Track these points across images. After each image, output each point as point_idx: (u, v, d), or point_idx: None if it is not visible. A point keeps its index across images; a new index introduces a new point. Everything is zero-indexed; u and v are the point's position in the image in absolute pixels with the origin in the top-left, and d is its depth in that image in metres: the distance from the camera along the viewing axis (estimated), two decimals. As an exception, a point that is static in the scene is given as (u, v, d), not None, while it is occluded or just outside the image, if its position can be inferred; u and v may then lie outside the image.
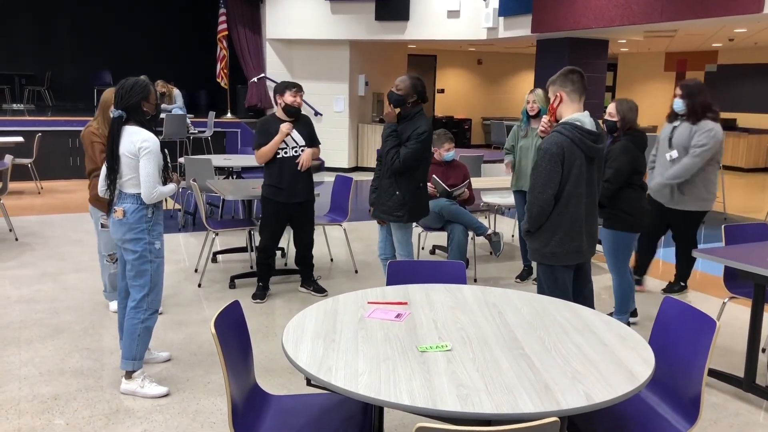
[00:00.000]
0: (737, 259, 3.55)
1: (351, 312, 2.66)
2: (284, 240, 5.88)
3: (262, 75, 12.47)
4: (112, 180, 3.42)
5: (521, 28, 10.40)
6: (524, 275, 5.83)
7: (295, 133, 4.89)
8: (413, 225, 4.67)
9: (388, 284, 3.18)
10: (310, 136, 5.00)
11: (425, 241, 6.98)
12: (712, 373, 3.83)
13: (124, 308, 3.64)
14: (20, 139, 8.98)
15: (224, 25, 12.07)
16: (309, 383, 2.14)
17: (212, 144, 11.58)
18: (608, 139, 4.48)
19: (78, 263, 5.94)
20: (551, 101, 3.42)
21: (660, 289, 5.60)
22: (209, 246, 6.18)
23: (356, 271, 5.98)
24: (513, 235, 7.52)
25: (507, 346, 2.34)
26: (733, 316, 4.99)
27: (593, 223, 3.47)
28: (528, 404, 1.91)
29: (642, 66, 17.11)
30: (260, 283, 5.13)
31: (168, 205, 8.53)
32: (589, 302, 3.62)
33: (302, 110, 4.96)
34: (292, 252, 6.11)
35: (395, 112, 4.40)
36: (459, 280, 3.23)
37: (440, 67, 17.37)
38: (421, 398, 1.94)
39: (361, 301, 2.80)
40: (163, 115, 9.66)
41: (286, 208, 4.96)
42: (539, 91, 5.35)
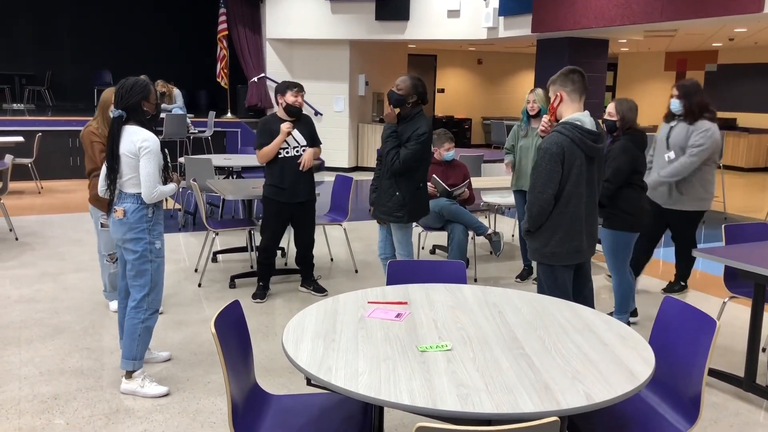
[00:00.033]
0: (737, 258, 3.55)
1: (351, 312, 2.66)
2: (284, 240, 5.88)
3: (262, 75, 12.47)
4: (112, 180, 3.42)
5: (521, 28, 10.40)
6: (524, 275, 5.83)
7: (296, 132, 4.89)
8: (413, 225, 4.67)
9: (388, 284, 3.18)
10: (311, 135, 5.00)
11: (425, 240, 6.98)
12: (713, 372, 3.83)
13: (124, 308, 3.64)
14: (20, 138, 8.98)
15: (224, 25, 12.07)
16: (309, 383, 2.14)
17: (212, 144, 11.58)
18: (608, 139, 4.48)
19: (78, 263, 5.94)
20: (551, 101, 3.42)
21: (660, 289, 5.60)
22: (209, 246, 6.18)
23: (356, 271, 5.98)
24: (513, 235, 7.52)
25: (507, 346, 2.34)
26: (733, 316, 4.99)
27: (593, 223, 3.47)
28: (528, 404, 1.91)
29: (642, 66, 17.11)
30: (260, 283, 5.13)
31: (168, 204, 8.53)
32: (589, 302, 3.62)
33: (303, 110, 4.96)
34: (292, 252, 6.11)
35: (395, 112, 4.40)
36: (459, 280, 3.23)
37: (440, 66, 17.37)
38: (421, 398, 1.94)
39: (361, 300, 2.80)
40: (163, 115, 9.66)
41: (288, 207, 4.96)
42: (540, 91, 5.35)
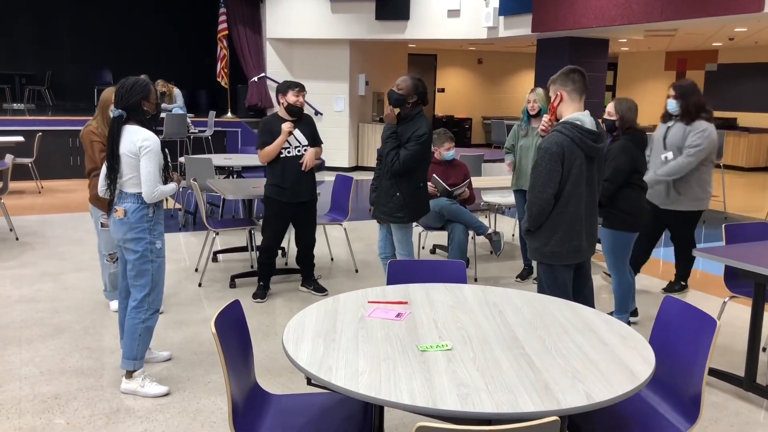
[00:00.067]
0: (738, 258, 3.55)
1: (351, 311, 2.66)
2: (284, 239, 5.87)
3: (263, 74, 12.47)
4: (112, 180, 3.41)
5: (521, 28, 10.40)
6: (525, 274, 5.83)
7: (297, 132, 4.89)
8: (413, 224, 4.67)
9: (388, 283, 3.18)
10: (313, 135, 5.00)
11: (425, 240, 6.98)
12: (713, 372, 3.83)
13: (124, 308, 3.64)
14: (21, 138, 8.99)
15: (224, 25, 12.07)
16: (309, 383, 2.14)
17: (212, 143, 11.58)
18: (608, 139, 4.48)
19: (78, 263, 5.94)
20: (552, 100, 3.42)
21: (660, 289, 5.60)
22: (210, 245, 6.18)
23: (356, 271, 5.98)
24: (513, 235, 7.52)
25: (507, 346, 2.34)
26: (733, 316, 4.99)
27: (593, 223, 3.47)
28: (528, 404, 1.91)
29: (642, 65, 17.10)
30: (261, 283, 5.13)
31: (168, 204, 8.53)
32: (589, 301, 3.62)
33: (304, 110, 4.96)
34: (292, 251, 6.11)
35: (394, 113, 4.39)
36: (459, 280, 3.23)
37: (440, 66, 17.37)
38: (421, 397, 1.94)
39: (362, 300, 2.80)
40: (164, 115, 9.66)
41: (289, 207, 4.96)
42: (540, 91, 5.35)
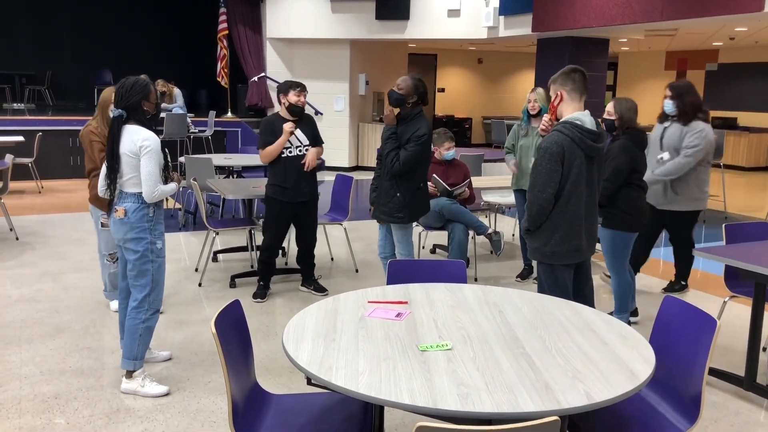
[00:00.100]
0: (738, 258, 3.55)
1: (351, 311, 2.66)
2: (284, 239, 5.88)
3: (263, 74, 12.47)
4: (112, 179, 3.41)
5: (522, 27, 10.39)
6: (525, 274, 5.82)
7: (298, 132, 4.89)
8: (413, 224, 4.67)
9: (388, 283, 3.18)
10: (314, 135, 5.00)
11: (426, 240, 6.98)
12: (713, 372, 3.83)
13: (125, 308, 3.64)
14: (21, 138, 8.99)
15: (224, 25, 12.07)
16: (309, 382, 2.14)
17: (213, 143, 11.58)
18: (608, 138, 4.48)
19: (78, 262, 5.94)
20: (552, 100, 3.42)
21: (660, 289, 5.60)
22: (210, 245, 6.18)
23: (357, 271, 5.98)
24: (513, 234, 7.52)
25: (507, 346, 2.34)
26: (733, 315, 4.99)
27: (593, 222, 3.47)
28: (528, 403, 1.91)
29: (643, 65, 17.10)
30: (261, 283, 5.13)
31: (168, 204, 8.53)
32: (589, 301, 3.62)
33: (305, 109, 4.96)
34: (292, 251, 6.11)
35: (394, 113, 4.39)
36: (459, 279, 3.23)
37: (441, 66, 17.36)
38: (421, 397, 1.93)
39: (362, 300, 2.80)
40: (164, 115, 9.66)
41: (291, 207, 4.96)
42: (540, 90, 5.34)
